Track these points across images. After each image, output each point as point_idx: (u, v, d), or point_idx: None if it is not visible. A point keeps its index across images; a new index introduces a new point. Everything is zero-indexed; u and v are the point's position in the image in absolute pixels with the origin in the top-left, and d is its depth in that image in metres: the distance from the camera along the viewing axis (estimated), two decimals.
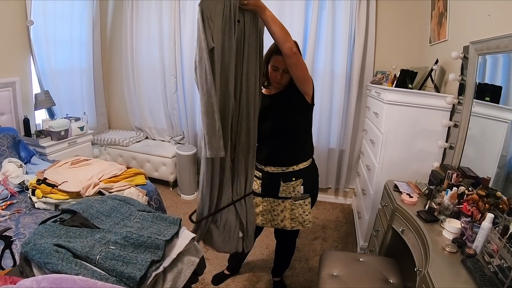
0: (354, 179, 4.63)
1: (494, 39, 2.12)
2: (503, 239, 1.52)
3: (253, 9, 1.83)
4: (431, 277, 1.54)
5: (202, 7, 1.64)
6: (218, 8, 1.69)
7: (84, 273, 1.43)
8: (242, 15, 1.83)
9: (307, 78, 2.16)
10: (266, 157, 2.35)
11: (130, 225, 1.84)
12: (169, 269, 1.70)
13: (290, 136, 2.28)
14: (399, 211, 2.34)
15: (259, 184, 2.45)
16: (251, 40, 1.92)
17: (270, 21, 1.87)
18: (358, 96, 4.32)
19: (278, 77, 2.21)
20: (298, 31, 4.24)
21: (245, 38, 1.89)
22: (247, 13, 1.86)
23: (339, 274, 2.20)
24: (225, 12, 1.71)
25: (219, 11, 1.69)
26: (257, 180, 2.45)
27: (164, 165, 4.69)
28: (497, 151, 2.20)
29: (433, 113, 2.84)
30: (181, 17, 4.62)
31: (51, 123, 3.80)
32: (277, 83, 2.26)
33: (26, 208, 2.49)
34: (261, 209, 2.46)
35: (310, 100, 2.23)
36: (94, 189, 2.56)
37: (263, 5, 1.86)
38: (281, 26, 1.91)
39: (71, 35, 4.58)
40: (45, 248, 1.51)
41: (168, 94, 4.98)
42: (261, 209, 2.46)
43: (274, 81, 2.26)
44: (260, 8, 1.85)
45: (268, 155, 2.35)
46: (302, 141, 2.35)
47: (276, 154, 2.34)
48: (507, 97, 2.14)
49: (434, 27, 3.46)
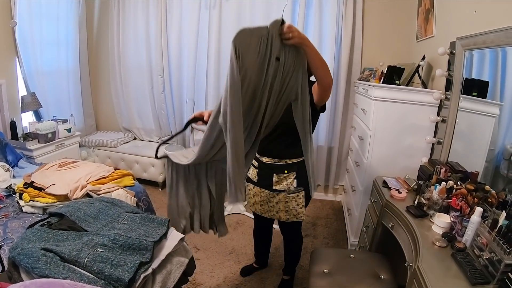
0: (343, 175, 4.64)
1: (480, 34, 2.13)
2: (492, 233, 1.52)
3: (298, 42, 1.66)
4: (421, 272, 1.54)
5: (236, 43, 1.45)
6: (253, 42, 1.52)
7: (72, 276, 1.41)
8: (283, 52, 1.65)
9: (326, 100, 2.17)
10: (263, 147, 2.35)
11: (118, 227, 1.83)
12: (158, 271, 1.70)
13: (288, 132, 2.26)
14: (389, 207, 2.34)
15: (255, 173, 2.49)
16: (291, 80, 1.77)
17: (313, 54, 1.76)
18: (346, 93, 4.32)
19: None
20: None
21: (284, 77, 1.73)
22: (290, 50, 1.68)
23: (330, 271, 2.19)
24: (261, 48, 1.56)
25: (254, 46, 1.53)
26: (254, 169, 2.50)
27: (153, 165, 4.66)
28: (485, 146, 2.21)
29: (421, 108, 2.85)
30: (168, 17, 4.60)
31: (38, 126, 3.76)
32: None
33: (13, 212, 2.46)
34: (258, 199, 2.51)
35: (318, 107, 2.22)
36: (82, 191, 2.54)
37: (307, 38, 1.72)
38: (322, 60, 1.83)
39: (57, 35, 4.53)
40: (33, 252, 1.49)
41: (155, 94, 4.96)
42: (258, 199, 2.51)
43: None
44: (305, 41, 1.70)
45: (265, 146, 2.34)
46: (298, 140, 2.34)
47: (271, 146, 2.35)
48: (494, 92, 2.16)
49: (421, 23, 3.48)
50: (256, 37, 1.52)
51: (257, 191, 2.51)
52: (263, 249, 3.09)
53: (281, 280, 2.94)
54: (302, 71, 1.78)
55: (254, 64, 1.56)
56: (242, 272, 3.07)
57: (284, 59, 1.67)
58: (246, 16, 4.34)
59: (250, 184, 2.55)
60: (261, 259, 3.13)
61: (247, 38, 1.49)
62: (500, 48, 2.02)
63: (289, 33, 1.59)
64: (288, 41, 1.62)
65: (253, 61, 1.55)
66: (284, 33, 1.59)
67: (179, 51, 4.70)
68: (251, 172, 2.53)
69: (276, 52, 1.61)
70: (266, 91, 1.69)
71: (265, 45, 1.56)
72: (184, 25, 4.59)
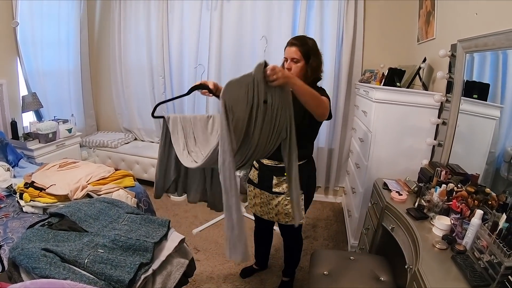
0: (344, 177, 4.64)
1: (482, 37, 2.13)
2: (492, 235, 1.52)
3: (283, 83, 1.64)
4: (421, 274, 1.54)
5: (225, 99, 1.45)
6: (241, 93, 1.53)
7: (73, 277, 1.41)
8: (270, 94, 1.65)
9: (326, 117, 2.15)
10: None
11: (118, 228, 1.83)
12: (158, 272, 1.70)
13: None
14: (389, 209, 2.34)
15: (256, 174, 2.49)
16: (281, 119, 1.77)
17: (301, 90, 1.78)
18: (347, 95, 4.32)
19: (287, 67, 2.23)
20: (286, 30, 4.23)
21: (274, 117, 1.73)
22: (276, 90, 1.68)
23: (330, 273, 2.19)
24: (249, 96, 1.57)
25: (243, 96, 1.54)
26: (255, 171, 2.51)
27: (153, 166, 4.63)
28: (485, 148, 2.21)
29: (422, 111, 2.85)
30: (169, 18, 4.60)
31: (38, 126, 3.76)
32: None
33: (14, 212, 2.46)
34: (259, 201, 2.52)
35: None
36: (82, 192, 2.54)
37: (292, 76, 1.73)
38: (311, 94, 1.84)
39: (58, 36, 4.53)
40: (33, 252, 1.50)
41: (156, 95, 4.95)
42: (259, 200, 2.52)
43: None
44: (290, 80, 1.69)
45: None
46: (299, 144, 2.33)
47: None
48: (494, 94, 2.16)
49: (421, 25, 3.48)
50: (244, 87, 1.53)
51: (257, 192, 2.51)
52: (263, 251, 3.08)
53: (281, 281, 2.93)
54: (288, 109, 1.78)
55: (244, 113, 1.58)
56: (242, 274, 3.06)
57: (272, 100, 1.67)
58: (247, 17, 4.34)
59: (251, 186, 2.56)
60: (261, 261, 3.12)
61: (235, 91, 1.50)
62: (501, 50, 2.02)
63: (273, 75, 1.58)
64: (273, 83, 1.60)
65: (243, 110, 1.57)
66: (268, 75, 1.58)
67: (180, 52, 4.70)
68: (252, 173, 2.54)
69: (263, 96, 1.62)
70: (256, 134, 1.69)
71: (252, 92, 1.56)
72: (185, 26, 4.59)
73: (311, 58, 2.24)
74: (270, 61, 1.61)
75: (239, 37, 4.41)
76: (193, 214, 4.07)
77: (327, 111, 1.99)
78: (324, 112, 1.97)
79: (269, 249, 3.11)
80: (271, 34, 4.27)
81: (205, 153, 1.89)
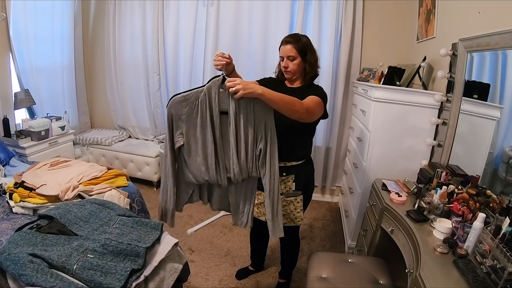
0: (341, 177, 4.61)
1: (485, 36, 2.09)
2: (495, 239, 1.49)
3: (245, 94, 1.67)
4: (423, 279, 1.50)
5: (171, 109, 1.81)
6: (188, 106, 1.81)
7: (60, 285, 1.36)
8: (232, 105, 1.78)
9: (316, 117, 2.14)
10: None
11: (109, 231, 1.78)
12: (150, 278, 1.64)
13: (287, 134, 2.22)
14: (388, 211, 2.31)
15: None
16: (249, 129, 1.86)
17: (271, 98, 1.75)
18: (345, 93, 4.29)
19: (284, 65, 2.23)
20: (283, 28, 4.18)
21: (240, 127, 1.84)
22: (242, 102, 1.78)
23: (328, 276, 2.15)
24: (199, 109, 1.81)
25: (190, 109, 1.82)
26: None
27: (147, 164, 4.61)
28: (485, 149, 2.19)
29: (421, 110, 2.81)
30: (165, 14, 4.53)
31: (31, 123, 3.71)
32: (286, 72, 2.26)
33: (3, 213, 2.39)
34: (256, 202, 2.45)
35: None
36: (73, 192, 2.48)
37: (255, 89, 1.70)
38: (283, 100, 1.80)
39: (52, 31, 4.46)
40: (20, 258, 1.44)
41: (151, 92, 4.89)
42: (256, 201, 2.45)
43: (284, 71, 2.27)
44: (255, 91, 1.69)
45: None
46: (298, 143, 2.30)
47: None
48: (494, 94, 2.14)
49: (421, 24, 3.44)
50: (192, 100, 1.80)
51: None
52: (259, 252, 3.04)
53: (277, 283, 2.90)
54: (265, 119, 1.86)
55: (194, 123, 1.84)
56: (238, 275, 3.02)
57: (235, 110, 1.79)
58: (244, 14, 4.28)
59: None
60: (257, 262, 3.08)
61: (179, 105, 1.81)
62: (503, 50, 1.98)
63: (231, 87, 1.66)
64: (235, 95, 1.68)
65: (193, 120, 1.84)
66: (228, 88, 1.68)
67: (175, 49, 4.64)
68: None
69: (221, 107, 1.81)
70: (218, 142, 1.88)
71: (204, 104, 1.79)
72: (181, 22, 4.53)
73: (307, 54, 2.23)
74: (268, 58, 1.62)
75: (236, 34, 4.35)
76: (188, 213, 4.00)
77: (305, 115, 1.93)
78: (301, 116, 1.91)
79: (265, 251, 3.07)
80: (268, 31, 4.24)
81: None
